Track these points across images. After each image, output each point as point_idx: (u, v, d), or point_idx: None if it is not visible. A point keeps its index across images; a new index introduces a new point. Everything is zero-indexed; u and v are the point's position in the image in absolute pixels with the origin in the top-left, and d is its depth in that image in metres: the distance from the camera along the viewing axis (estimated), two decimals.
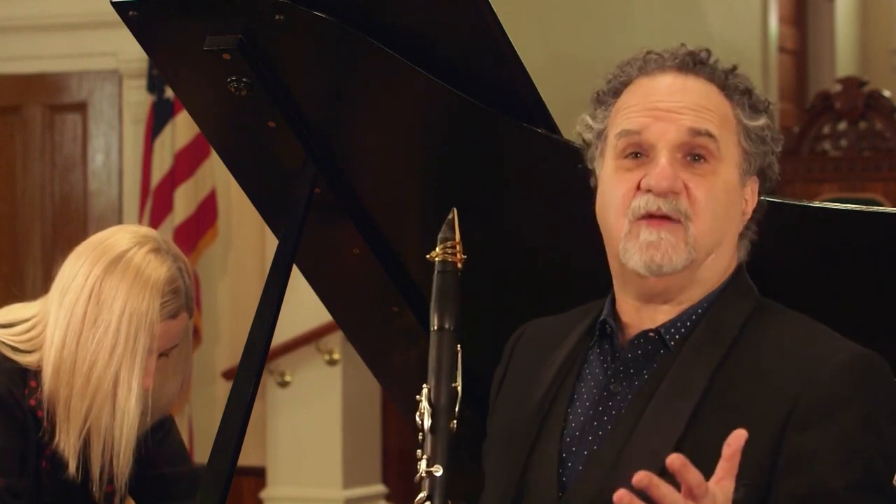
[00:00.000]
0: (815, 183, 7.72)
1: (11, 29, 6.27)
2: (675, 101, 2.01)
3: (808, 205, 2.42)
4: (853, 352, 1.96)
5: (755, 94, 2.06)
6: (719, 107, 2.03)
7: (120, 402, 2.60)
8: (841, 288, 2.41)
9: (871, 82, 7.98)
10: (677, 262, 1.99)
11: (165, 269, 2.64)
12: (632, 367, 2.02)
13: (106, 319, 2.61)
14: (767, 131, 2.05)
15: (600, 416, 2.02)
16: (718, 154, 2.00)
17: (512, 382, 2.17)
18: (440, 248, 2.07)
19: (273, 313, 2.54)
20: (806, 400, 1.90)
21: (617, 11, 7.83)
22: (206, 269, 6.06)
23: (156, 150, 5.89)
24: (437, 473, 1.97)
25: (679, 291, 2.03)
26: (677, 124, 2.00)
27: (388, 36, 2.38)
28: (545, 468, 2.02)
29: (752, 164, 2.05)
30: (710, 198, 2.00)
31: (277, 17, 2.40)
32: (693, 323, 2.02)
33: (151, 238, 2.68)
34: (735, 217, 2.04)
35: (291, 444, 5.85)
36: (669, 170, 1.98)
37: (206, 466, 2.48)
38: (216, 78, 2.50)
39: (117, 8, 2.53)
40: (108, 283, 2.63)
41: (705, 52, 2.06)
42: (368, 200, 2.65)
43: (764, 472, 1.89)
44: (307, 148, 2.58)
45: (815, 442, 1.88)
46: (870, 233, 2.37)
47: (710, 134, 2.00)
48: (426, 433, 1.99)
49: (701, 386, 1.95)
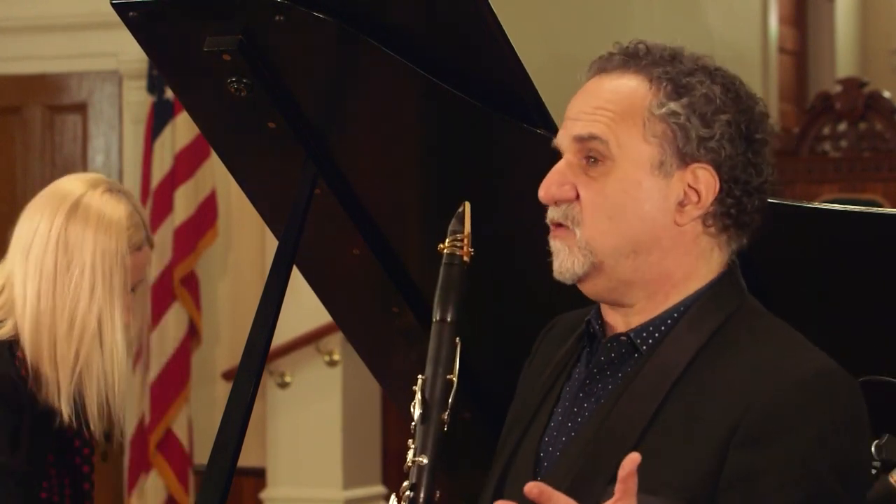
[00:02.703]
0: (815, 184, 7.72)
1: (11, 29, 6.27)
2: (577, 108, 2.00)
3: (808, 206, 2.42)
4: (812, 369, 1.90)
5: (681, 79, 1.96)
6: (625, 101, 1.96)
7: (107, 339, 2.68)
8: (841, 289, 2.41)
9: (871, 83, 7.98)
10: (575, 268, 1.97)
11: (124, 206, 2.73)
12: (607, 369, 2.01)
13: (79, 264, 2.68)
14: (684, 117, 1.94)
15: (574, 416, 2.02)
16: (610, 154, 1.95)
17: (533, 373, 2.17)
18: (449, 241, 2.07)
19: (273, 313, 2.54)
20: (752, 417, 1.85)
21: (617, 11, 7.83)
22: (206, 270, 6.06)
23: (156, 150, 5.89)
24: (424, 462, 1.97)
25: (618, 294, 1.99)
26: (568, 132, 1.99)
27: (388, 36, 2.38)
28: (523, 464, 2.03)
29: (670, 153, 1.95)
30: (600, 199, 1.95)
31: (277, 17, 2.40)
32: (668, 327, 1.98)
33: (102, 180, 2.79)
34: (651, 213, 1.95)
35: (291, 445, 5.85)
36: (553, 177, 1.98)
37: (207, 466, 2.48)
38: (216, 79, 2.50)
39: (117, 9, 2.53)
40: (72, 229, 2.70)
41: (640, 44, 2.00)
42: (368, 200, 2.65)
43: (708, 486, 1.85)
44: (307, 148, 2.58)
45: (758, 462, 1.84)
46: (870, 233, 2.37)
47: (593, 136, 1.95)
48: (417, 423, 1.99)
49: (662, 393, 1.92)
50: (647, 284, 1.99)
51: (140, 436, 5.89)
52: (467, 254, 2.07)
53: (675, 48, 2.01)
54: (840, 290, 2.41)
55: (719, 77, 1.98)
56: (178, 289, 5.84)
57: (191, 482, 5.89)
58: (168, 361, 5.84)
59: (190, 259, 5.86)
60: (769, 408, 1.85)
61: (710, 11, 8.66)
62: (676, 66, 1.98)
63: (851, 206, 2.39)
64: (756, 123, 1.99)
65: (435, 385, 2.01)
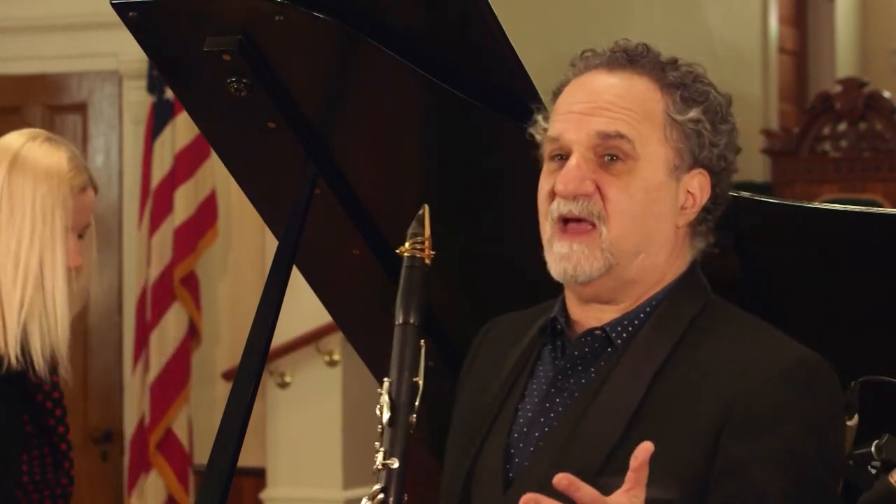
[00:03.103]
0: (815, 184, 7.72)
1: (11, 29, 6.27)
2: (591, 102, 2.00)
3: (808, 205, 2.42)
4: (794, 358, 1.95)
5: (694, 86, 2.02)
6: (644, 102, 2.00)
7: (48, 281, 2.74)
8: (841, 288, 2.41)
9: (871, 83, 7.98)
10: (592, 270, 1.98)
11: (65, 150, 2.82)
12: (579, 364, 2.02)
13: (20, 211, 2.76)
14: (701, 124, 2.01)
15: (547, 412, 2.03)
16: (634, 153, 1.98)
17: (476, 376, 2.17)
18: (409, 244, 2.09)
19: (273, 313, 2.54)
20: (742, 407, 1.89)
21: (617, 11, 7.83)
22: (206, 270, 6.05)
23: (156, 150, 5.89)
24: (394, 466, 1.98)
25: (613, 293, 2.02)
26: (587, 127, 1.98)
27: (387, 36, 2.38)
28: (492, 462, 2.04)
29: (685, 158, 2.01)
30: (625, 198, 1.98)
31: (277, 17, 2.40)
32: (640, 322, 2.01)
33: (41, 132, 2.87)
34: (663, 215, 2.01)
35: (291, 445, 5.85)
36: (574, 172, 1.97)
37: (207, 466, 2.48)
38: (216, 79, 2.51)
39: (117, 9, 2.53)
40: (14, 180, 2.78)
41: (642, 46, 2.04)
42: (368, 200, 2.66)
43: (699, 475, 1.88)
44: (307, 148, 2.58)
45: (751, 451, 1.87)
46: (870, 233, 2.37)
47: (620, 135, 1.97)
48: (385, 426, 2.00)
49: (644, 385, 1.95)
50: (643, 283, 2.02)
51: (140, 436, 5.89)
52: (428, 256, 2.08)
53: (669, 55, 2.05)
54: (840, 290, 2.42)
55: (716, 88, 2.06)
56: (178, 289, 5.84)
57: (191, 482, 5.88)
58: (168, 361, 5.83)
59: (190, 259, 5.86)
60: (758, 398, 1.90)
61: (710, 11, 8.66)
62: (680, 71, 2.03)
63: (851, 206, 2.39)
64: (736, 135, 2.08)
65: (401, 388, 2.02)
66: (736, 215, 2.38)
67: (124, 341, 6.15)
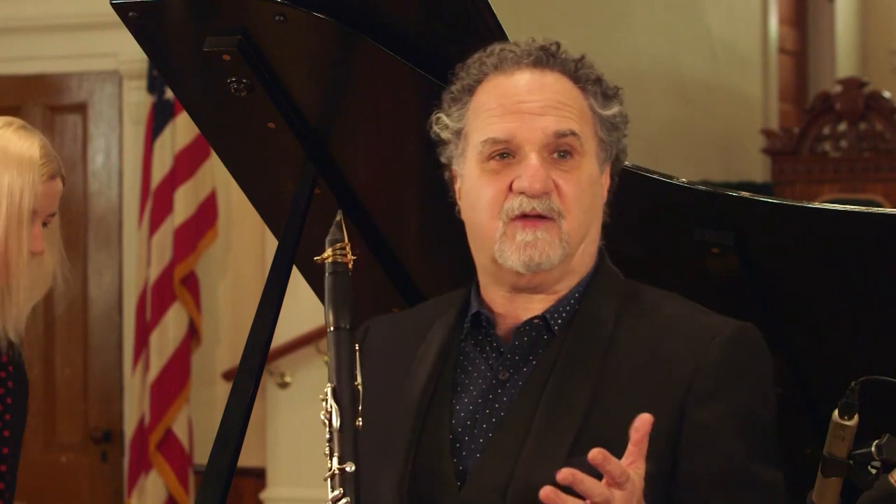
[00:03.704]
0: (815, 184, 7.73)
1: (11, 29, 6.26)
2: (536, 101, 2.04)
3: (809, 205, 2.42)
4: (734, 326, 2.05)
5: (605, 81, 2.10)
6: (576, 100, 2.07)
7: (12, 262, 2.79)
8: (841, 288, 2.41)
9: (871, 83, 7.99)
10: (554, 258, 2.03)
11: (37, 139, 2.85)
12: (517, 355, 2.06)
13: None
14: (619, 118, 2.10)
15: (491, 403, 2.05)
16: (581, 149, 2.05)
17: (373, 379, 2.14)
18: (330, 251, 2.10)
19: (273, 313, 2.54)
20: (702, 377, 1.99)
21: (617, 11, 7.83)
22: (206, 270, 6.05)
23: (156, 150, 5.88)
24: (349, 469, 2.00)
25: (554, 283, 2.08)
26: (541, 126, 2.03)
27: (387, 36, 2.38)
28: (438, 458, 2.04)
29: (609, 152, 2.10)
30: (578, 192, 2.05)
31: (277, 17, 2.40)
32: (572, 308, 2.08)
33: (15, 120, 2.89)
34: (598, 206, 2.10)
35: (291, 445, 5.85)
36: (542, 171, 2.02)
37: (207, 467, 2.48)
38: (216, 79, 2.51)
39: (117, 9, 2.53)
40: None
41: (555, 44, 2.08)
42: (368, 201, 2.66)
43: (668, 446, 1.96)
44: (307, 148, 2.58)
45: (715, 417, 1.97)
46: (870, 233, 2.37)
47: (573, 133, 2.04)
48: (334, 432, 2.02)
49: (594, 368, 2.01)
50: (576, 271, 2.09)
51: (140, 436, 5.89)
52: (350, 261, 2.10)
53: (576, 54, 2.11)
54: (840, 290, 2.41)
55: None
56: (178, 289, 5.84)
57: (191, 482, 5.88)
58: (168, 361, 5.83)
59: (190, 259, 5.86)
60: (715, 364, 2.00)
61: (710, 11, 8.66)
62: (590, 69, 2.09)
63: (851, 206, 2.39)
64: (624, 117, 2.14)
65: (344, 393, 2.04)
66: (736, 215, 2.38)
67: (124, 341, 6.15)
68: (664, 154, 7.51)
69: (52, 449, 6.14)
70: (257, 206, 2.82)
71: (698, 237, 2.40)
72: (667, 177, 2.43)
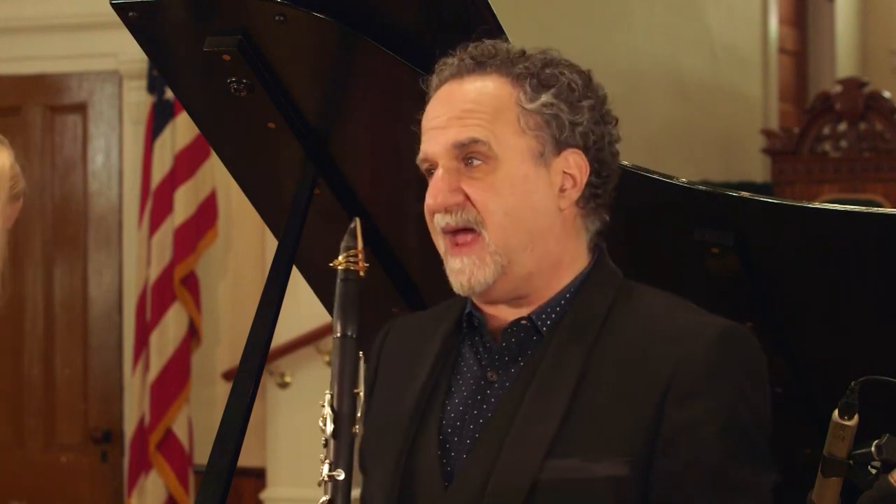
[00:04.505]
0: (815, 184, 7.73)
1: (11, 29, 6.26)
2: (444, 115, 2.04)
3: (809, 205, 2.42)
4: (721, 326, 2.01)
5: (543, 72, 2.03)
6: (494, 100, 2.02)
7: None
8: (841, 289, 2.41)
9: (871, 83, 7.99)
10: (487, 277, 2.01)
11: (7, 156, 2.82)
12: (507, 355, 2.05)
13: None
14: (556, 107, 2.02)
15: (479, 404, 2.05)
16: (492, 153, 2.01)
17: (385, 381, 2.18)
18: (343, 257, 2.09)
19: (273, 313, 2.54)
20: (682, 376, 1.95)
21: (617, 11, 7.83)
22: (206, 270, 6.05)
23: (156, 150, 5.88)
24: (340, 477, 2.01)
25: (516, 291, 2.04)
26: (444, 139, 2.02)
27: (387, 36, 2.38)
28: (426, 458, 2.05)
29: (548, 144, 2.02)
30: (492, 197, 2.00)
31: (277, 17, 2.40)
32: (562, 308, 2.05)
33: None
34: (540, 204, 2.02)
35: (291, 445, 5.85)
36: (440, 184, 2.02)
37: (207, 467, 2.48)
38: (216, 79, 2.51)
39: (117, 9, 2.53)
40: None
41: (490, 46, 2.05)
42: (368, 201, 2.66)
43: (646, 448, 1.94)
44: (307, 148, 2.58)
45: (692, 415, 1.94)
46: (870, 233, 2.37)
47: (473, 140, 2.00)
48: (329, 438, 2.04)
49: (577, 369, 1.98)
50: (545, 273, 2.05)
51: (140, 436, 5.89)
52: (362, 268, 2.09)
53: (519, 47, 2.07)
54: (840, 290, 2.41)
55: (573, 67, 2.07)
56: (178, 289, 5.84)
57: (191, 482, 5.88)
58: (168, 361, 5.83)
59: (190, 259, 5.86)
60: (694, 365, 1.96)
61: (710, 11, 8.66)
62: (530, 61, 2.05)
63: (851, 206, 2.39)
64: (606, 107, 2.08)
65: (343, 399, 2.04)
66: (736, 215, 2.38)
67: (124, 341, 6.14)
68: (664, 154, 7.51)
69: (52, 449, 6.13)
70: (257, 206, 2.82)
71: (698, 237, 2.40)
72: (667, 177, 2.43)
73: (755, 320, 2.38)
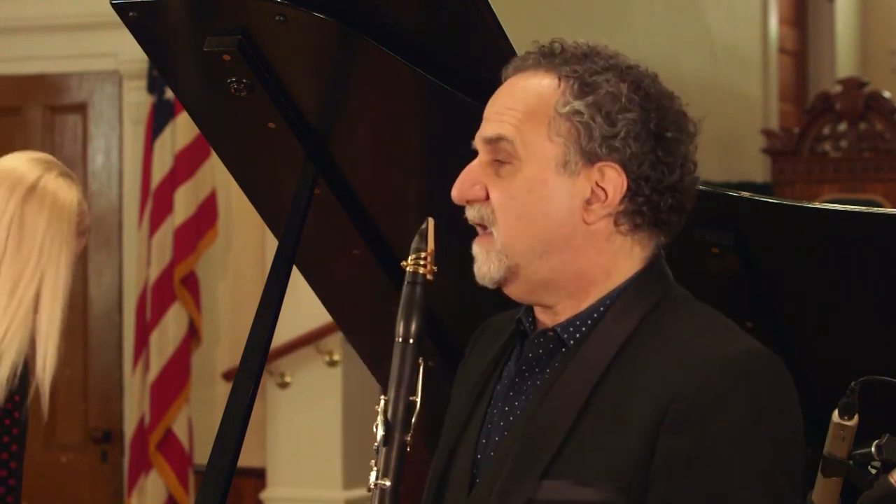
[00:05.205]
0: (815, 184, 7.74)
1: (11, 29, 6.26)
2: (490, 107, 2.00)
3: (808, 206, 2.42)
4: (738, 350, 1.89)
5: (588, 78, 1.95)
6: (532, 100, 1.96)
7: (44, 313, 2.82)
8: (841, 289, 2.41)
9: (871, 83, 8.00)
10: (492, 272, 1.97)
11: (76, 192, 2.85)
12: (535, 366, 2.01)
13: (29, 244, 2.78)
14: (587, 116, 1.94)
15: (507, 415, 2.02)
16: (516, 154, 1.95)
17: (464, 378, 2.16)
18: (412, 259, 2.05)
19: (273, 313, 2.54)
20: (681, 401, 1.85)
21: (617, 11, 7.83)
22: (206, 270, 6.05)
23: (156, 150, 5.89)
24: (387, 485, 1.97)
25: (539, 296, 1.99)
26: (480, 133, 2.00)
27: (387, 36, 2.38)
28: (462, 465, 2.03)
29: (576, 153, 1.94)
30: (507, 198, 1.95)
31: (277, 17, 2.40)
32: (593, 322, 1.97)
33: (54, 162, 2.88)
34: (556, 213, 1.95)
35: (291, 445, 5.85)
36: (464, 176, 1.99)
37: (207, 467, 2.48)
38: (216, 79, 2.51)
39: (117, 9, 2.53)
40: (28, 210, 2.80)
41: (556, 45, 1.99)
42: (368, 201, 2.66)
43: (640, 473, 1.85)
44: (307, 148, 2.58)
45: (688, 446, 1.83)
46: (870, 233, 2.37)
47: (500, 137, 1.96)
48: (379, 444, 1.98)
49: (590, 385, 1.92)
50: (566, 284, 1.98)
51: (140, 436, 5.89)
52: (430, 272, 2.05)
53: (592, 46, 2.00)
54: (840, 290, 2.41)
55: (629, 75, 1.98)
56: (178, 289, 5.84)
57: (191, 482, 5.88)
58: (168, 361, 5.83)
59: (190, 259, 5.86)
60: (695, 392, 1.85)
61: (710, 11, 8.66)
62: (586, 64, 1.97)
63: (851, 206, 2.39)
64: (668, 122, 2.00)
65: (398, 406, 2.00)
66: (736, 215, 2.38)
67: (124, 341, 6.15)
68: None
69: (52, 449, 6.14)
70: (257, 206, 2.82)
71: (698, 237, 2.39)
72: None
73: (755, 320, 2.38)
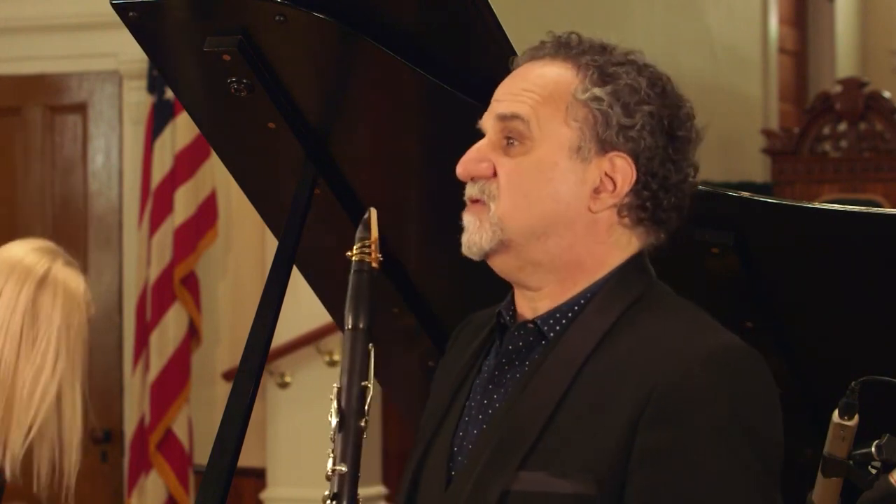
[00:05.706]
0: (815, 184, 7.74)
1: (11, 29, 6.26)
2: (503, 90, 2.01)
3: (808, 206, 2.42)
4: (717, 345, 1.89)
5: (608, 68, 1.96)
6: (551, 84, 1.97)
7: (66, 409, 2.77)
8: (841, 289, 2.41)
9: (871, 83, 8.00)
10: (483, 242, 1.96)
11: (82, 280, 2.85)
12: (515, 359, 2.01)
13: (45, 336, 2.77)
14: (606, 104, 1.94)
15: (485, 408, 2.01)
16: (530, 134, 1.95)
17: (443, 373, 2.16)
18: (356, 248, 2.06)
19: (273, 314, 2.54)
20: (659, 395, 1.84)
21: (617, 11, 7.83)
22: (206, 270, 6.05)
23: (156, 150, 5.89)
24: (344, 471, 1.98)
25: (525, 275, 1.98)
26: (492, 111, 2.00)
27: (387, 36, 2.38)
28: (437, 459, 2.03)
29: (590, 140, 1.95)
30: (514, 176, 1.95)
31: (277, 17, 2.40)
32: (574, 314, 1.97)
33: (57, 250, 2.87)
34: (562, 196, 1.95)
35: (291, 445, 5.85)
36: (471, 153, 1.99)
37: (207, 467, 2.48)
38: (216, 79, 2.51)
39: (117, 9, 2.53)
40: (41, 301, 2.79)
41: (571, 36, 2.01)
42: (368, 201, 2.65)
43: (618, 467, 1.85)
44: (307, 148, 2.58)
45: (666, 440, 1.83)
46: (870, 233, 2.37)
47: (515, 115, 1.96)
48: (334, 431, 1.99)
49: (569, 378, 1.92)
50: (558, 269, 1.98)
51: (140, 436, 5.89)
52: (375, 260, 2.05)
53: (607, 42, 2.02)
54: (840, 290, 2.41)
55: (647, 71, 2.01)
56: (178, 289, 5.84)
57: (191, 482, 5.88)
58: (168, 361, 5.83)
59: (190, 259, 5.86)
60: (674, 386, 1.85)
61: (710, 11, 8.67)
62: (605, 55, 1.99)
63: (851, 207, 2.39)
64: (680, 121, 2.02)
65: (351, 393, 2.00)
66: (736, 215, 2.38)
67: (124, 341, 6.15)
68: None
69: None
70: (257, 206, 2.82)
71: (698, 237, 2.39)
72: None
73: (755, 320, 2.38)
